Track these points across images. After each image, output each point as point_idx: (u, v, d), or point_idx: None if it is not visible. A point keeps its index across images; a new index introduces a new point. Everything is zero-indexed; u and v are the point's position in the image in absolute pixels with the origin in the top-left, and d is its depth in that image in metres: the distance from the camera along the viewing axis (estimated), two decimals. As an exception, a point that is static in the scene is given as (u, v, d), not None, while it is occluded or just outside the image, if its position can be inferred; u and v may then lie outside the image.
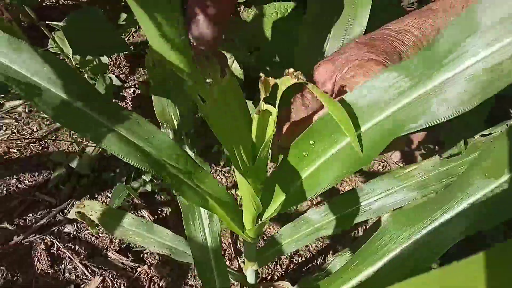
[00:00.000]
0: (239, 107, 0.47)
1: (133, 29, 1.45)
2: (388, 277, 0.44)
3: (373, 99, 0.42)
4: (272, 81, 0.42)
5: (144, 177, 1.17)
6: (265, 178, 0.50)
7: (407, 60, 0.41)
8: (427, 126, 0.40)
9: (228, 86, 0.44)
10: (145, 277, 1.05)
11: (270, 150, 0.47)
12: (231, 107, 0.45)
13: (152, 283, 1.04)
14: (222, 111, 0.44)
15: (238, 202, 1.08)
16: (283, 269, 1.09)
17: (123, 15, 1.13)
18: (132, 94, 1.39)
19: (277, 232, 0.72)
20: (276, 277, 1.07)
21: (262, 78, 0.42)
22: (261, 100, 0.42)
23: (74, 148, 1.26)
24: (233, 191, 1.22)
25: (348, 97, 0.44)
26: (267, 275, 1.07)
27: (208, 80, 0.43)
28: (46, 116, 1.34)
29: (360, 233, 1.17)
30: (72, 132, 1.30)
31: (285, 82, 0.42)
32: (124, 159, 0.43)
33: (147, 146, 0.46)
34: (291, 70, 0.41)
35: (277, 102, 0.42)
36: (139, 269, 1.06)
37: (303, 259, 1.12)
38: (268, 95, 0.42)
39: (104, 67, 1.23)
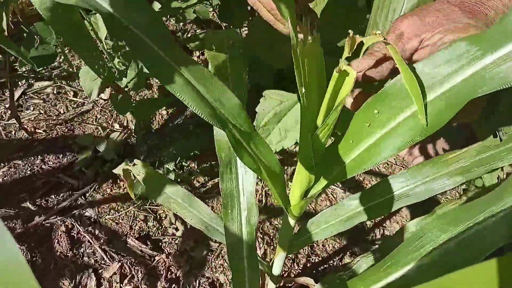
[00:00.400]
0: (317, 67, 0.48)
1: (164, 18, 1.46)
2: (420, 279, 0.43)
3: (443, 68, 0.43)
4: (358, 38, 0.43)
5: (167, 166, 1.17)
6: (324, 149, 0.51)
7: (480, 32, 0.41)
8: (499, 89, 0.40)
9: (314, 44, 0.46)
10: (162, 266, 1.05)
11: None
12: (311, 64, 0.47)
13: (169, 272, 1.04)
14: (307, 66, 0.46)
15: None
16: (300, 268, 1.09)
17: (157, 4, 1.13)
18: (158, 82, 1.39)
19: (311, 219, 0.72)
20: (293, 275, 1.07)
21: (351, 34, 0.43)
22: (343, 58, 0.43)
23: (99, 132, 1.27)
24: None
25: (418, 65, 0.44)
26: (283, 272, 1.07)
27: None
28: (74, 99, 1.35)
29: (378, 236, 1.16)
30: (98, 116, 1.31)
31: (370, 40, 0.43)
32: (190, 106, 0.43)
33: (213, 100, 0.47)
34: (378, 31, 0.43)
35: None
36: (157, 258, 1.06)
37: (320, 258, 1.11)
38: (351, 54, 0.43)
39: (135, 54, 1.23)
